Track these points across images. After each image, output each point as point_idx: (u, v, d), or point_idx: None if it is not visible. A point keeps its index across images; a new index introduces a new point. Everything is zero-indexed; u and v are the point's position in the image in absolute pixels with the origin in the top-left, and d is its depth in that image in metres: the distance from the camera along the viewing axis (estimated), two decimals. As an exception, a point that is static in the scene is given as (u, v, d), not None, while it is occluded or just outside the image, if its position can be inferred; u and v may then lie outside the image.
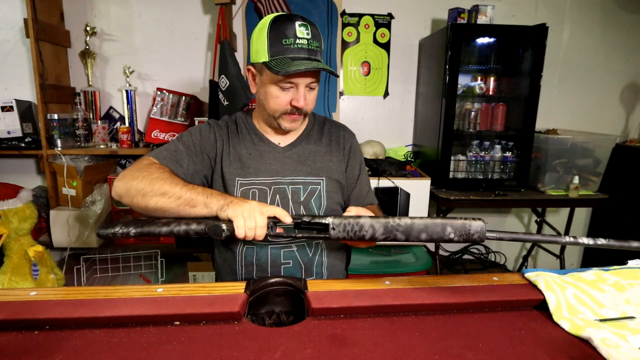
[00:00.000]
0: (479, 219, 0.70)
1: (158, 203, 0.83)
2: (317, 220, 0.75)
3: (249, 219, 0.75)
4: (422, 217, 0.71)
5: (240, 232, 0.75)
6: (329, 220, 0.74)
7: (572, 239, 0.67)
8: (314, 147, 1.06)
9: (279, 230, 0.79)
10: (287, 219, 0.77)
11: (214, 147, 1.01)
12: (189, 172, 0.96)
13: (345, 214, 0.81)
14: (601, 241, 0.66)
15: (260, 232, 0.76)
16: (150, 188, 0.83)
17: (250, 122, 1.06)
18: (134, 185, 0.84)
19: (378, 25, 2.41)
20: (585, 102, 2.61)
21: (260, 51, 0.90)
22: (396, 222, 0.71)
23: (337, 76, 0.98)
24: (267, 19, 0.90)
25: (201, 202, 0.81)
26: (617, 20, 2.51)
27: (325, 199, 1.02)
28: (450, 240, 0.69)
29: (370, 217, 0.74)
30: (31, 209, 1.94)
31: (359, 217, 0.74)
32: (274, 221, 0.78)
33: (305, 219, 0.77)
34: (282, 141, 1.05)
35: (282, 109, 0.94)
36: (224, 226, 0.75)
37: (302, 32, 0.88)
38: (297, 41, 0.88)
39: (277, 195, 0.99)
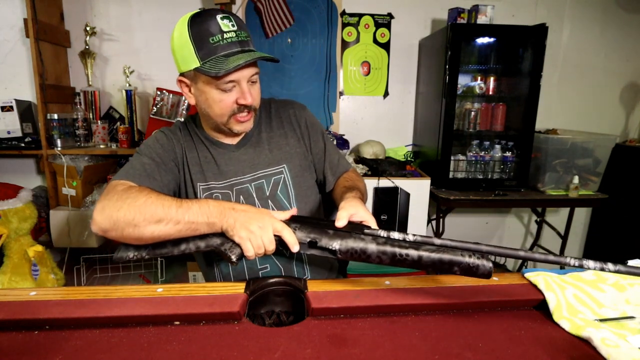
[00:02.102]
0: (488, 259, 0.67)
1: (155, 232, 0.74)
2: (323, 245, 0.74)
3: (258, 248, 0.74)
4: (429, 248, 0.68)
5: (250, 257, 0.75)
6: (335, 246, 0.72)
7: (577, 262, 0.60)
8: (266, 134, 1.00)
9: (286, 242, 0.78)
10: (294, 247, 0.74)
11: (175, 154, 0.96)
12: (164, 183, 0.90)
13: (338, 222, 0.76)
14: (610, 267, 0.60)
15: (270, 253, 0.76)
16: (142, 217, 0.73)
17: (200, 130, 1.00)
18: (121, 216, 0.73)
19: (378, 25, 2.41)
20: (585, 102, 2.61)
21: (188, 57, 0.83)
22: (403, 255, 0.69)
23: (277, 61, 0.87)
24: (183, 22, 0.83)
25: (204, 225, 0.75)
26: (617, 20, 2.51)
27: (292, 186, 0.99)
28: (455, 274, 0.69)
29: (378, 243, 0.71)
30: (31, 209, 1.94)
31: (366, 241, 0.71)
32: (279, 240, 0.76)
33: (312, 238, 0.75)
34: (234, 140, 0.99)
35: (229, 112, 0.88)
36: (233, 258, 0.75)
37: (226, 25, 0.82)
38: (225, 36, 0.81)
39: (241, 196, 0.95)
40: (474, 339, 0.65)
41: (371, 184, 2.03)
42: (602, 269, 0.60)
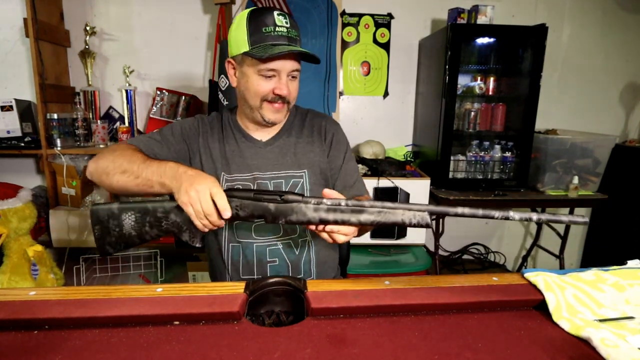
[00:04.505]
0: (425, 212, 0.68)
1: (120, 181, 0.83)
2: (264, 198, 0.74)
3: (198, 214, 0.75)
4: (370, 211, 0.69)
5: (198, 226, 0.76)
6: (290, 196, 0.73)
7: (502, 214, 0.67)
8: (295, 139, 1.05)
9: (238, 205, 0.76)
10: (225, 213, 0.74)
11: (196, 140, 1.01)
12: (158, 158, 0.95)
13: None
14: (534, 217, 0.68)
15: (215, 222, 0.76)
16: (113, 166, 0.84)
17: (234, 120, 1.06)
18: (100, 164, 0.86)
19: (378, 25, 2.41)
20: (585, 102, 2.61)
21: (240, 42, 0.90)
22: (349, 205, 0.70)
23: (319, 62, 0.95)
24: (244, 13, 0.92)
25: (157, 183, 0.80)
26: (617, 20, 2.51)
27: (308, 192, 1.01)
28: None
29: (317, 210, 0.71)
30: (30, 209, 1.93)
31: (313, 199, 0.72)
32: (236, 204, 0.76)
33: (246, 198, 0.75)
34: (264, 136, 1.04)
35: (263, 96, 0.93)
36: (197, 244, 0.77)
37: (280, 20, 0.89)
38: (277, 29, 0.88)
39: None
40: (473, 339, 0.65)
41: (371, 184, 2.03)
42: (529, 219, 0.68)
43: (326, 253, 1.07)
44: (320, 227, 0.74)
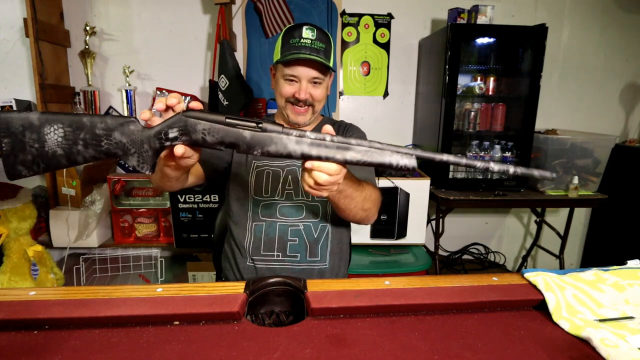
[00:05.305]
0: (413, 156, 0.65)
1: (170, 185, 0.92)
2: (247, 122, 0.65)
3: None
4: (356, 149, 0.64)
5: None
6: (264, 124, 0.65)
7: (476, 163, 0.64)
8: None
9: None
10: (171, 100, 0.65)
11: None
12: (204, 157, 1.05)
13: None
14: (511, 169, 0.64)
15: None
16: (156, 177, 0.90)
17: (272, 119, 1.14)
18: (153, 180, 0.94)
19: (378, 25, 2.41)
20: (585, 102, 2.62)
21: (276, 52, 1.07)
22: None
23: (334, 71, 1.07)
24: (285, 28, 1.07)
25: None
26: (617, 20, 2.51)
27: None
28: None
29: (299, 142, 0.65)
30: (30, 209, 1.93)
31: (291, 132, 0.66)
32: (204, 127, 0.64)
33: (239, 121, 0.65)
34: None
35: (286, 98, 1.07)
36: (132, 161, 0.65)
37: (307, 33, 1.03)
38: (302, 40, 1.02)
39: (289, 176, 1.09)
40: (473, 339, 0.65)
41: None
42: (506, 171, 0.64)
43: (340, 247, 1.13)
44: (302, 163, 0.69)
